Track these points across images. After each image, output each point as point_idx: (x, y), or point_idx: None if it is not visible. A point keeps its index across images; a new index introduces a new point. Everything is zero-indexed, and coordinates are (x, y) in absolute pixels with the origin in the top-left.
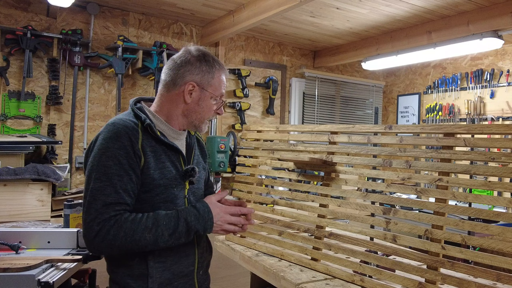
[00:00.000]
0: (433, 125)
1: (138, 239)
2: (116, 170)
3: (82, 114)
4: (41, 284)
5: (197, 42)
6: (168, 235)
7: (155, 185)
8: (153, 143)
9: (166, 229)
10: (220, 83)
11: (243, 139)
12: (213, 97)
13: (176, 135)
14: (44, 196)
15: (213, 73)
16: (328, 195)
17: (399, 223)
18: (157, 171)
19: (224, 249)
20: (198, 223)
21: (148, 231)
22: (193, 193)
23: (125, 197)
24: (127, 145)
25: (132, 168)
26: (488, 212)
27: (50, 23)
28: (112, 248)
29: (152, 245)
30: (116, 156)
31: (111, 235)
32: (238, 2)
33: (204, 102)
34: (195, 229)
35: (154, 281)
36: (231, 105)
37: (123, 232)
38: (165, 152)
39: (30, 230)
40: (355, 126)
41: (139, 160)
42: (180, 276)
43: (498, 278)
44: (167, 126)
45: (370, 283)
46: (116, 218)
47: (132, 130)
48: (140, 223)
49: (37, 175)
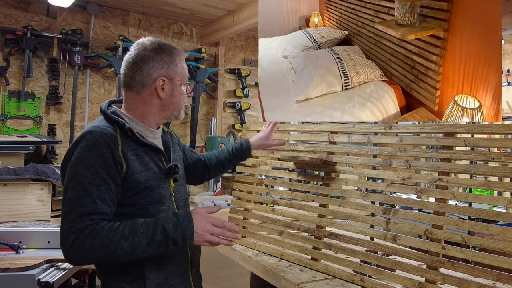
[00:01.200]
0: (433, 125)
1: (114, 248)
2: (93, 180)
3: (82, 114)
4: (41, 284)
5: (197, 42)
6: (145, 244)
7: (141, 188)
8: (134, 146)
9: (143, 238)
10: (183, 67)
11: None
12: (183, 84)
13: (152, 134)
14: (44, 196)
15: (175, 60)
16: (328, 195)
17: (399, 223)
18: (143, 174)
19: (224, 249)
20: (175, 232)
21: (125, 240)
22: (178, 190)
23: (102, 206)
24: (105, 152)
25: (111, 176)
26: (488, 212)
27: (50, 23)
28: (88, 258)
29: (129, 255)
30: (93, 165)
31: (86, 245)
32: (238, 2)
33: (177, 92)
34: (173, 238)
35: (151, 282)
36: (231, 105)
37: (99, 241)
38: (147, 153)
39: (30, 230)
40: (355, 126)
41: (121, 167)
42: (175, 275)
43: (498, 278)
44: (144, 126)
45: (370, 283)
46: (91, 227)
47: (111, 137)
48: (117, 232)
49: (37, 175)
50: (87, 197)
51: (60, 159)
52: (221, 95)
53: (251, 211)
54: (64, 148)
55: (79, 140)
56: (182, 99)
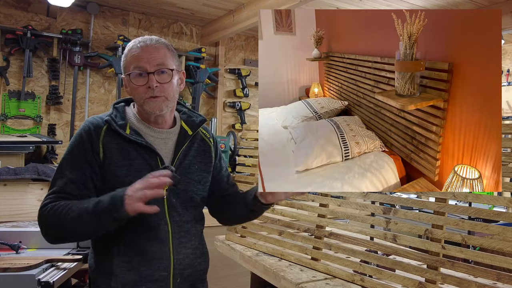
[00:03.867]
0: None
1: (66, 223)
2: (70, 163)
3: (82, 114)
4: (41, 284)
5: (197, 42)
6: (87, 218)
7: (119, 181)
8: (120, 140)
9: (83, 207)
10: (130, 58)
11: (243, 139)
12: (128, 75)
13: (156, 134)
14: (44, 196)
15: (125, 55)
16: (328, 194)
17: (399, 222)
18: (123, 168)
19: (224, 249)
20: (106, 197)
21: (72, 214)
22: (177, 194)
23: (71, 188)
24: (85, 140)
25: (87, 162)
26: (488, 211)
27: (50, 23)
28: (48, 233)
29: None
30: (73, 150)
31: (44, 218)
32: (238, 2)
33: (129, 86)
34: (101, 207)
35: (117, 280)
36: (231, 105)
37: (52, 216)
38: (136, 150)
39: (30, 230)
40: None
41: (97, 155)
42: (149, 280)
43: (498, 277)
44: (145, 125)
45: (370, 282)
46: (53, 203)
47: (96, 126)
48: (66, 207)
49: (37, 175)
50: (60, 178)
51: (60, 159)
52: (221, 95)
53: None
54: (64, 148)
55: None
56: (136, 92)
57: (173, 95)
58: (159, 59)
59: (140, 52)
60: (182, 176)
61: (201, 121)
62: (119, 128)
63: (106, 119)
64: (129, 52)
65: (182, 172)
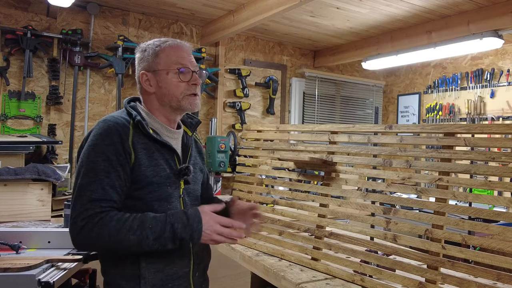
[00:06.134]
0: (433, 125)
1: (121, 239)
2: (104, 167)
3: (82, 114)
4: (41, 284)
5: (197, 42)
6: (153, 239)
7: (147, 182)
8: (145, 140)
9: (151, 233)
10: (170, 56)
11: (243, 139)
12: (168, 71)
13: (171, 134)
14: (44, 196)
15: (157, 52)
16: (328, 194)
17: (399, 222)
18: (150, 168)
19: (224, 249)
20: (184, 231)
21: (133, 233)
22: (189, 193)
23: (111, 193)
24: (117, 141)
25: (121, 164)
26: (488, 211)
27: (50, 23)
28: (95, 246)
29: (136, 247)
30: (105, 152)
31: (95, 233)
32: (238, 2)
33: (164, 82)
34: (181, 237)
35: (147, 282)
36: (231, 105)
37: (107, 230)
38: (159, 150)
39: (31, 230)
40: (355, 125)
41: (129, 156)
42: (174, 278)
43: (499, 277)
44: (161, 124)
45: (370, 282)
46: (101, 215)
47: (123, 127)
48: (126, 223)
49: (37, 175)
50: (97, 183)
51: (60, 159)
52: (221, 95)
53: None
54: (64, 148)
55: (93, 128)
56: (175, 88)
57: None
58: (195, 60)
59: (182, 51)
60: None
61: (197, 122)
62: (147, 127)
63: (138, 119)
64: (167, 49)
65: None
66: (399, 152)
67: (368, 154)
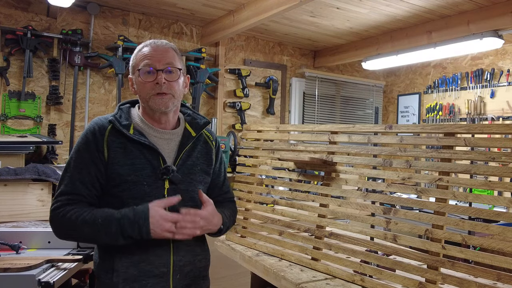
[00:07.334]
0: (433, 125)
1: (79, 231)
2: (77, 163)
3: (83, 114)
4: (41, 284)
5: (197, 42)
6: (104, 234)
7: (122, 180)
8: (124, 140)
9: (102, 227)
10: (138, 57)
11: (243, 139)
12: (136, 73)
13: (159, 134)
14: (44, 196)
15: (134, 55)
16: (329, 195)
17: (399, 223)
18: (125, 167)
19: (224, 249)
20: (131, 228)
21: (87, 226)
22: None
23: (80, 188)
24: (91, 140)
25: (94, 161)
26: (489, 211)
27: (50, 23)
28: (61, 235)
29: (93, 240)
30: (80, 150)
31: (58, 222)
32: (238, 2)
33: (136, 83)
34: (128, 234)
35: (119, 275)
36: (231, 105)
37: (67, 222)
38: (140, 150)
39: (31, 230)
40: (355, 126)
41: (102, 154)
42: (149, 276)
43: (499, 277)
44: (148, 125)
45: (370, 283)
46: (66, 207)
47: (100, 127)
48: (80, 217)
49: (37, 175)
50: (68, 178)
51: (60, 159)
52: (221, 95)
53: (251, 211)
54: (64, 148)
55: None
56: (143, 89)
57: (179, 94)
58: (168, 59)
59: (150, 51)
60: (184, 176)
61: (205, 123)
62: (123, 128)
63: (110, 119)
64: (139, 51)
65: (184, 172)
66: (399, 152)
67: (368, 154)
